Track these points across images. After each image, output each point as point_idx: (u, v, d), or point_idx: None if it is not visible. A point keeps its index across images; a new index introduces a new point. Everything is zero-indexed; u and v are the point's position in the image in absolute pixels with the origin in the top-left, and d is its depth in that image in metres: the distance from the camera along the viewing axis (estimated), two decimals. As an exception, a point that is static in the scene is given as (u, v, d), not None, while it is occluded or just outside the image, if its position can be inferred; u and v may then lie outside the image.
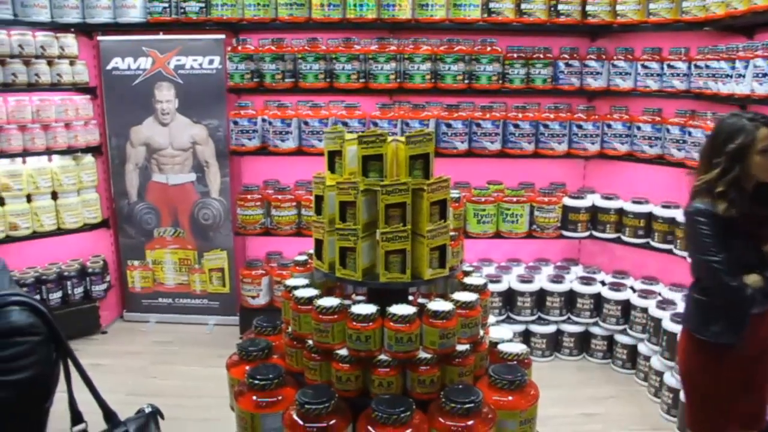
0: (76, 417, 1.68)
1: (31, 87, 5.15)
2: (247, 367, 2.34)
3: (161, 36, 5.55)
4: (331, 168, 2.28)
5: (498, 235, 5.30)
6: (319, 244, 2.28)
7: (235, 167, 5.69)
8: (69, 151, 5.37)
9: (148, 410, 1.78)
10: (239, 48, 5.29)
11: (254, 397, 2.16)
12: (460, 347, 2.21)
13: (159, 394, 4.51)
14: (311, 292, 2.28)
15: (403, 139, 2.15)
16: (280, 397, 2.18)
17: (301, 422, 2.02)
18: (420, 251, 2.16)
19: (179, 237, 5.78)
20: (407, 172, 2.15)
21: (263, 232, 5.44)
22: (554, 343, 5.25)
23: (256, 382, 2.16)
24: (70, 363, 1.61)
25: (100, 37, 5.63)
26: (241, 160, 5.72)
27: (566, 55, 5.16)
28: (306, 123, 5.18)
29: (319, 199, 2.25)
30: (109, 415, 1.73)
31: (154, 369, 5.01)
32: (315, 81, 5.15)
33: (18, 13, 5.11)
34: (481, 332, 2.35)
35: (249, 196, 5.37)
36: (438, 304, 2.18)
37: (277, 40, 5.30)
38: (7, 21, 5.07)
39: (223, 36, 5.45)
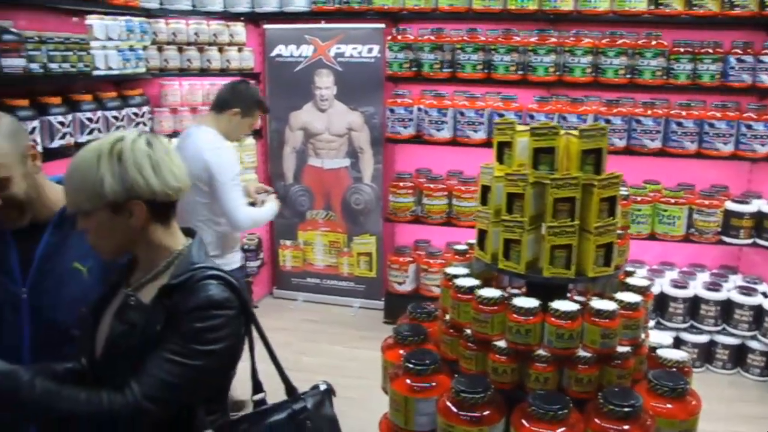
0: (257, 386, 1.76)
1: (203, 72, 5.47)
2: (402, 351, 2.38)
3: (323, 25, 5.73)
4: (500, 159, 2.28)
5: (652, 236, 5.09)
6: (482, 234, 2.28)
7: (389, 154, 5.79)
8: (239, 133, 5.64)
9: (323, 387, 1.83)
10: (399, 37, 5.37)
11: (409, 381, 2.20)
12: (621, 349, 2.15)
13: (305, 370, 4.67)
14: (472, 281, 2.29)
15: (576, 132, 2.11)
16: (434, 383, 2.20)
17: (455, 409, 2.04)
18: (586, 247, 2.11)
19: (331, 220, 5.97)
20: (578, 167, 2.10)
21: (413, 219, 5.51)
22: (706, 354, 4.98)
23: (412, 366, 2.19)
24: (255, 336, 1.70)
25: (266, 26, 5.89)
26: (394, 148, 5.80)
27: (739, 50, 4.84)
28: (462, 113, 5.19)
29: (485, 190, 2.25)
30: (290, 389, 1.79)
31: (301, 346, 5.19)
32: (473, 72, 5.14)
33: (195, 4, 5.46)
34: (642, 335, 2.28)
35: (401, 184, 5.45)
36: (602, 303, 2.12)
37: (436, 30, 5.33)
38: (186, 11, 5.44)
39: (383, 25, 5.55)
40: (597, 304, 2.12)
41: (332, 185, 5.90)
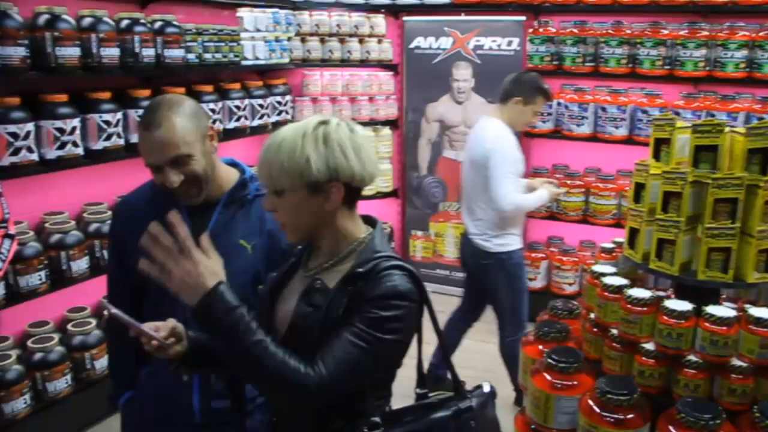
0: (421, 379, 1.76)
1: (344, 63, 5.60)
2: (541, 347, 2.36)
3: (463, 17, 5.71)
4: (656, 156, 2.20)
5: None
6: (633, 232, 2.22)
7: (525, 149, 5.69)
8: (370, 123, 5.73)
9: (487, 389, 1.82)
10: (540, 30, 5.28)
11: (550, 378, 2.17)
12: (780, 360, 2.04)
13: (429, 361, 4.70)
14: (620, 280, 2.23)
15: (742, 130, 2.01)
16: (576, 382, 2.16)
17: (598, 410, 2.00)
18: (746, 252, 2.01)
19: (459, 212, 5.95)
20: (743, 166, 2.00)
21: (548, 215, 5.41)
22: None
23: (555, 363, 2.16)
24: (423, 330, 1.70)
25: (405, 18, 5.94)
26: (531, 142, 5.71)
27: None
28: (603, 109, 5.04)
29: (639, 187, 2.18)
30: (457, 386, 1.79)
31: (427, 336, 5.20)
32: (617, 66, 4.98)
33: (339, -4, 5.60)
34: (803, 349, 2.14)
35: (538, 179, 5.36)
36: (761, 311, 2.01)
37: (579, 22, 5.20)
38: (329, 3, 5.59)
39: (523, 18, 5.48)
40: (756, 311, 2.01)
41: (466, 178, 5.87)
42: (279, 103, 5.09)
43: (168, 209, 1.99)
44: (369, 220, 1.74)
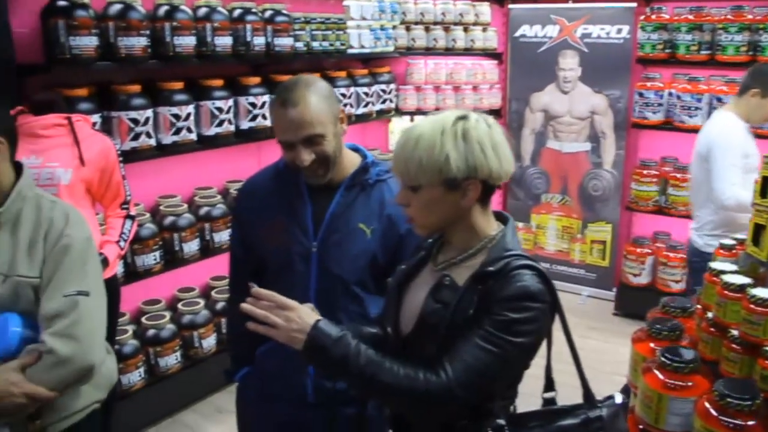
0: (549, 384, 1.72)
1: (448, 51, 5.57)
2: (653, 345, 2.28)
3: (570, 4, 5.59)
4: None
5: None
6: (758, 229, 2.11)
7: (632, 140, 5.54)
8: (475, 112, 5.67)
9: (619, 400, 1.77)
10: (652, 17, 5.08)
11: (663, 377, 2.09)
12: None
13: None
14: (743, 279, 2.13)
15: None
16: (691, 383, 2.08)
17: (715, 414, 1.91)
18: None
19: (565, 205, 5.84)
20: None
21: (655, 210, 5.23)
22: None
23: (669, 362, 2.08)
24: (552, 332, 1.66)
25: (511, 6, 5.85)
26: (639, 133, 5.53)
27: None
28: (719, 99, 4.80)
29: (766, 181, 2.08)
30: (587, 393, 1.75)
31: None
32: (735, 54, 4.74)
33: (444, -16, 5.56)
34: None
35: (645, 172, 5.19)
36: None
37: (695, 8, 4.97)
38: (434, -9, 5.56)
39: (634, 4, 5.30)
40: None
41: (570, 169, 5.76)
42: (383, 91, 5.12)
43: (291, 190, 2.08)
44: (500, 217, 1.71)
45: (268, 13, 4.06)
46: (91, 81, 3.42)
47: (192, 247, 3.85)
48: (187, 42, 3.56)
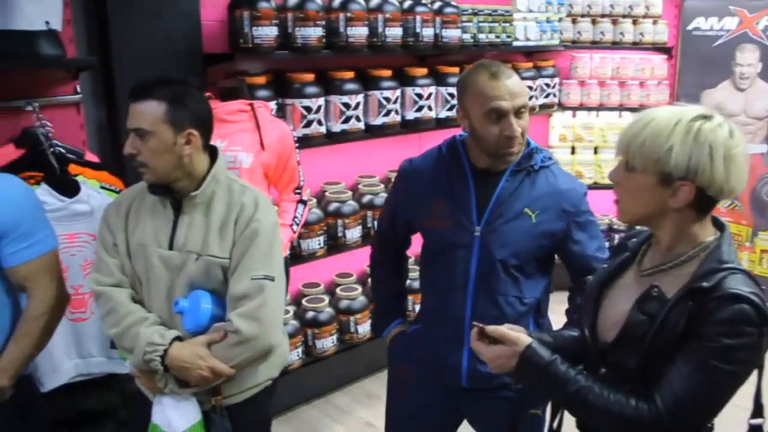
0: (758, 410, 1.58)
1: (615, 45, 5.37)
2: None
3: (756, -5, 5.22)
4: None
5: None
6: None
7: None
8: (639, 109, 5.41)
9: None
10: None
11: None
12: None
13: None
14: None
15: None
16: None
17: None
18: None
19: (735, 210, 5.49)
20: None
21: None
22: None
23: None
24: None
25: (687, -3, 5.56)
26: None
27: None
28: None
29: None
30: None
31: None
32: None
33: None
34: None
35: None
36: None
37: None
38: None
39: (828, -5, 4.88)
40: None
41: (743, 172, 5.39)
42: (547, 85, 5.01)
43: (454, 174, 2.12)
44: (716, 223, 1.57)
45: (437, 5, 4.07)
46: (267, 69, 3.57)
47: (354, 233, 3.93)
48: (359, 32, 3.63)
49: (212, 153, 2.07)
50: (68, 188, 2.73)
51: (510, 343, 1.56)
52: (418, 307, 2.39)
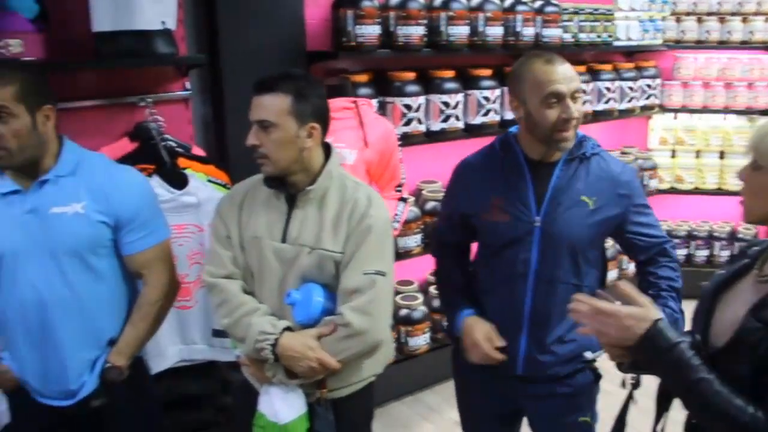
0: None
1: (721, 44, 5.16)
2: None
3: None
4: None
5: None
6: None
7: None
8: (746, 112, 5.21)
9: None
10: None
11: None
12: None
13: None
14: None
15: None
16: None
17: None
18: None
19: None
20: None
21: None
22: None
23: None
24: None
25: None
26: None
27: None
28: None
29: None
30: None
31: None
32: None
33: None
34: None
35: None
36: None
37: None
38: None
39: None
40: None
41: None
42: (648, 86, 4.87)
43: (509, 167, 2.13)
44: None
45: (538, 4, 4.03)
46: (368, 67, 3.60)
47: None
48: (460, 32, 3.62)
49: (326, 149, 2.10)
50: (177, 181, 2.82)
51: (642, 305, 1.50)
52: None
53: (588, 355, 2.09)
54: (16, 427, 2.26)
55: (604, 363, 1.86)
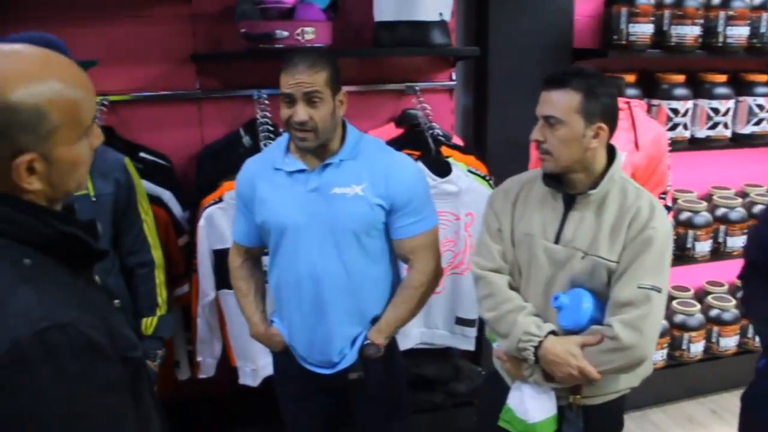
0: None
1: None
2: None
3: None
4: None
5: None
6: None
7: None
8: None
9: None
10: None
11: None
12: None
13: None
14: None
15: None
16: None
17: None
18: None
19: None
20: None
21: None
22: None
23: None
24: None
25: None
26: None
27: None
28: None
29: None
30: None
31: None
32: None
33: None
34: None
35: None
36: None
37: None
38: None
39: None
40: None
41: None
42: None
43: None
44: None
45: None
46: (634, 67, 3.46)
47: (736, 242, 3.73)
48: (739, 33, 3.36)
49: (609, 151, 2.04)
50: (440, 168, 2.90)
51: None
52: None
53: None
54: (280, 383, 2.45)
55: None
